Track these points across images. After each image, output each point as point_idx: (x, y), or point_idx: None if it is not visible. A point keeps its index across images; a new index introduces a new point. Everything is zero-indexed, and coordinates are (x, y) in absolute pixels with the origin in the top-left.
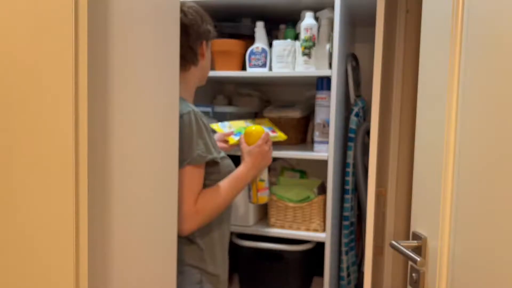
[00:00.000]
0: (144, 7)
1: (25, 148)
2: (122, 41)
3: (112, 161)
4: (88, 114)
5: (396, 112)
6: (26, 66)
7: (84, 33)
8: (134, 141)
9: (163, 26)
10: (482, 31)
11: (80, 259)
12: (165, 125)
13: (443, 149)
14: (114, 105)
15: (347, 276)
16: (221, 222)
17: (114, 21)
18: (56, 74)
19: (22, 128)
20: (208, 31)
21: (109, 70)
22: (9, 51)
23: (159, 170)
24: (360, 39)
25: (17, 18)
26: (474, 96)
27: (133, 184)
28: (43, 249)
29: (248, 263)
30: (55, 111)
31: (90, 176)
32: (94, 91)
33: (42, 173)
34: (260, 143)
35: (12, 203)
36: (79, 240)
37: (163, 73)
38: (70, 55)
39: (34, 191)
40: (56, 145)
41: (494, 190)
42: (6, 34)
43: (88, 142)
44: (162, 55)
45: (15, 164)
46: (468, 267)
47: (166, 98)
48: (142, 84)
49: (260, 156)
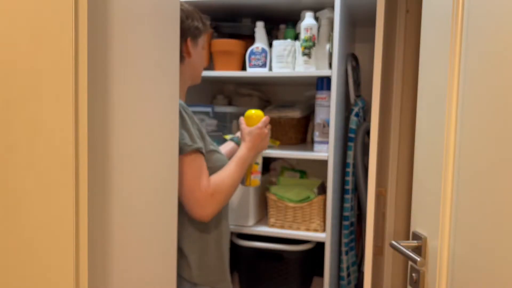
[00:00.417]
0: (144, 7)
1: (25, 148)
2: (122, 40)
3: (112, 161)
4: (88, 114)
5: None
6: (26, 66)
7: (84, 33)
8: (134, 140)
9: (163, 25)
10: (482, 31)
11: (80, 259)
12: (165, 125)
13: (443, 149)
14: (114, 105)
15: (347, 276)
16: (216, 227)
17: (114, 21)
18: (56, 74)
19: (22, 128)
20: (195, 28)
21: (109, 70)
22: (9, 51)
23: (159, 170)
24: (360, 39)
25: (17, 18)
26: (474, 96)
27: (133, 184)
28: (43, 249)
29: (248, 263)
30: (55, 111)
31: (90, 176)
32: (94, 91)
33: (42, 173)
34: (260, 125)
35: (12, 203)
36: (79, 240)
37: (163, 73)
38: (70, 55)
39: (34, 191)
40: (56, 145)
41: (494, 190)
42: (6, 34)
43: (88, 142)
44: (162, 54)
45: (15, 164)
46: (468, 267)
47: (166, 98)
48: (142, 84)
49: (259, 138)
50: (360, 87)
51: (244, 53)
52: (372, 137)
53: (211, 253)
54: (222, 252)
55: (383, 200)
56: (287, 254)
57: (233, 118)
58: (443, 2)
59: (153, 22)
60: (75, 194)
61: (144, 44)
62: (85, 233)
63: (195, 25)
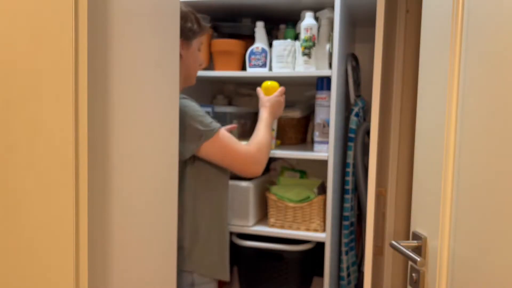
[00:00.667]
0: (144, 7)
1: (25, 148)
2: (122, 40)
3: (112, 161)
4: (88, 114)
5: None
6: (26, 66)
7: (84, 33)
8: (134, 141)
9: (163, 25)
10: (482, 31)
11: (80, 259)
12: (165, 125)
13: (443, 149)
14: (114, 105)
15: (347, 276)
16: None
17: (114, 21)
18: (56, 74)
19: (22, 128)
20: (188, 29)
21: (109, 70)
22: (9, 51)
23: (159, 170)
24: (360, 39)
25: (17, 18)
26: (474, 96)
27: (133, 184)
28: (43, 249)
29: (248, 263)
30: (55, 111)
31: (90, 176)
32: (94, 91)
33: (42, 173)
34: (277, 94)
35: (12, 203)
36: (79, 240)
37: (163, 73)
38: (70, 55)
39: (34, 191)
40: (56, 145)
41: (494, 190)
42: (6, 34)
43: (88, 142)
44: (162, 54)
45: (15, 164)
46: (468, 267)
47: (166, 98)
48: (142, 83)
49: (277, 105)
50: (360, 87)
51: (244, 53)
52: (372, 137)
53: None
54: (224, 244)
55: (383, 200)
56: (287, 254)
57: (233, 118)
58: (443, 2)
59: (153, 22)
60: (75, 194)
61: (144, 44)
62: (85, 233)
63: (188, 27)
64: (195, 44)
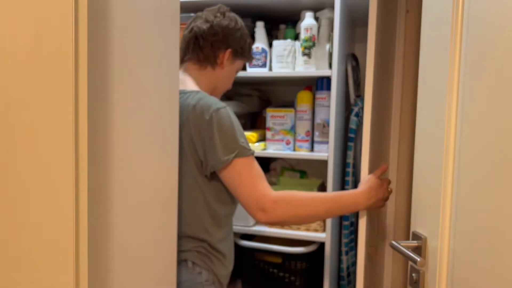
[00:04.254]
0: (144, 7)
1: (25, 148)
2: (122, 40)
3: (112, 161)
4: (88, 114)
5: (396, 112)
6: (26, 66)
7: (84, 33)
8: (134, 141)
9: (163, 25)
10: (482, 31)
11: (80, 259)
12: (166, 125)
13: (443, 149)
14: (114, 105)
15: (347, 276)
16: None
17: (114, 21)
18: (56, 74)
19: (22, 128)
20: (240, 46)
21: (109, 70)
22: (9, 50)
23: (159, 170)
24: (360, 39)
25: (17, 18)
26: (474, 95)
27: (133, 184)
28: (43, 249)
29: (249, 264)
30: (55, 111)
31: (90, 176)
32: (94, 91)
33: (42, 173)
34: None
35: (12, 203)
36: (79, 240)
37: (163, 73)
38: (70, 55)
39: (34, 191)
40: (56, 145)
41: (494, 190)
42: (6, 34)
43: (88, 142)
44: (162, 54)
45: (15, 164)
46: (468, 267)
47: (167, 98)
48: (142, 84)
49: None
50: (360, 87)
51: None
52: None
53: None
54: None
55: None
56: (289, 256)
57: None
58: (443, 2)
59: (153, 22)
60: (75, 194)
61: (144, 43)
62: (85, 233)
63: (241, 45)
64: (237, 63)
